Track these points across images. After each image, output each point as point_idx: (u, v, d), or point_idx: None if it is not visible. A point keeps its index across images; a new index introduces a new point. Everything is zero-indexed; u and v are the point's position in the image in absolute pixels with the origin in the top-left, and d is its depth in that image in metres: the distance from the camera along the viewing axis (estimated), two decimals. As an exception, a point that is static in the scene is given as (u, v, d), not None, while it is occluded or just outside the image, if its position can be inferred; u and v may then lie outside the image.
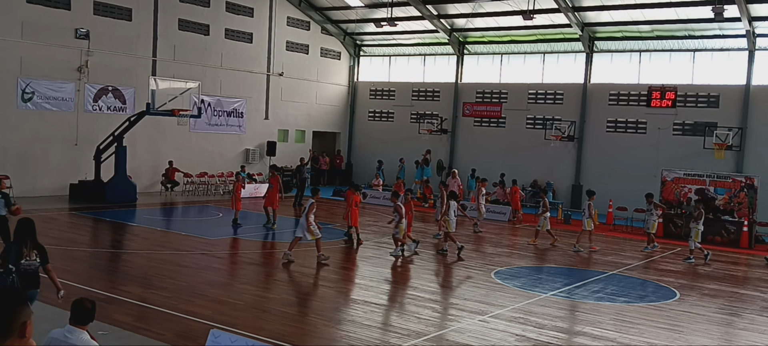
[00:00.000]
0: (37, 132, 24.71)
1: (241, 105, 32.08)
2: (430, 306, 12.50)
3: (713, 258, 19.32)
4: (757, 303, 14.29)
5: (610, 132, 30.18)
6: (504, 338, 10.58)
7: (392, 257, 17.10)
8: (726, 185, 23.50)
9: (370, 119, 37.57)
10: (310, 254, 15.97)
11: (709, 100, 27.97)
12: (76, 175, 25.03)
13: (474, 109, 33.86)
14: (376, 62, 37.81)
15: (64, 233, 18.18)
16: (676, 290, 14.84)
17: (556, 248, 20.10)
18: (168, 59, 28.61)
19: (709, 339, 11.40)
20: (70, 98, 25.60)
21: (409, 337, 10.33)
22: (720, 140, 26.34)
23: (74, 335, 5.12)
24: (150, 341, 9.51)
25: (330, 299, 13.05)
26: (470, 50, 34.27)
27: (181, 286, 13.07)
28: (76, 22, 25.47)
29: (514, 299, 13.19)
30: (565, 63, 31.75)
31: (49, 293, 11.57)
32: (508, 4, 28.86)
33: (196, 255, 16.47)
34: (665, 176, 24.63)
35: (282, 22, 33.68)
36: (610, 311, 12.76)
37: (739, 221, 22.54)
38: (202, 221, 22.61)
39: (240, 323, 10.49)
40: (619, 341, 10.75)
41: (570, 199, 30.50)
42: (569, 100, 31.12)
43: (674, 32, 28.19)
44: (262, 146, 32.85)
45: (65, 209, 22.40)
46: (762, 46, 26.93)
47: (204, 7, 30.11)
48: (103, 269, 14.57)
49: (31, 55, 24.39)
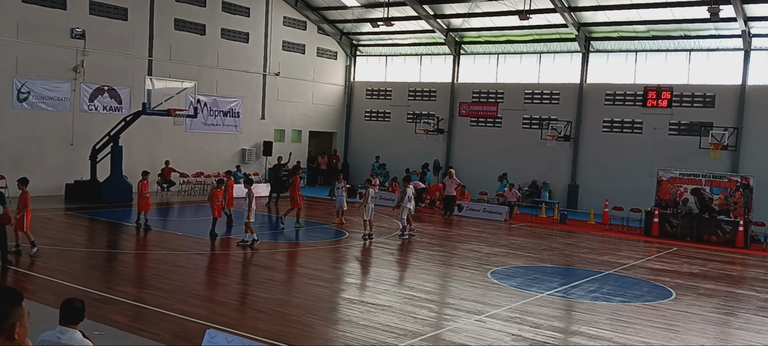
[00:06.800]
0: (33, 132, 24.65)
1: (238, 105, 32.04)
2: (426, 306, 12.50)
3: (709, 258, 19.36)
4: (752, 303, 14.32)
5: (606, 132, 30.22)
6: (500, 337, 10.58)
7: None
8: (722, 185, 23.56)
9: (366, 119, 37.56)
10: (309, 254, 15.96)
11: (704, 100, 28.03)
12: (71, 175, 24.97)
13: (470, 109, 33.87)
14: (373, 62, 37.81)
15: (60, 233, 18.14)
16: (672, 290, 14.87)
17: (554, 248, 20.11)
18: (164, 59, 28.56)
19: (705, 339, 11.42)
20: (66, 98, 25.54)
21: (405, 337, 10.32)
22: (716, 140, 26.39)
23: (66, 335, 5.06)
24: (146, 341, 9.49)
25: (326, 298, 13.04)
26: (467, 50, 34.28)
27: (177, 286, 13.05)
28: (71, 22, 25.41)
29: (511, 299, 13.19)
30: (561, 63, 31.78)
31: (43, 293, 11.55)
32: (505, 4, 28.88)
33: (192, 255, 16.44)
34: (661, 176, 24.68)
35: (278, 21, 33.66)
36: (606, 311, 12.78)
37: (735, 221, 22.59)
38: (198, 221, 22.57)
39: (236, 323, 10.48)
40: (615, 341, 10.76)
41: (566, 199, 30.53)
42: (565, 100, 31.16)
43: (670, 32, 28.25)
44: (259, 146, 32.80)
45: (61, 209, 22.34)
46: (757, 47, 27.00)
47: (200, 7, 30.06)
48: (99, 269, 14.52)
49: (26, 55, 24.33)
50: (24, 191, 14.81)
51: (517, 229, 24.30)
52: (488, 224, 25.08)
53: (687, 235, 23.18)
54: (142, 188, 19.39)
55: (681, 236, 23.28)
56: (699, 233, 23.08)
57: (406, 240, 19.98)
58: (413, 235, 20.71)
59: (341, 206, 22.67)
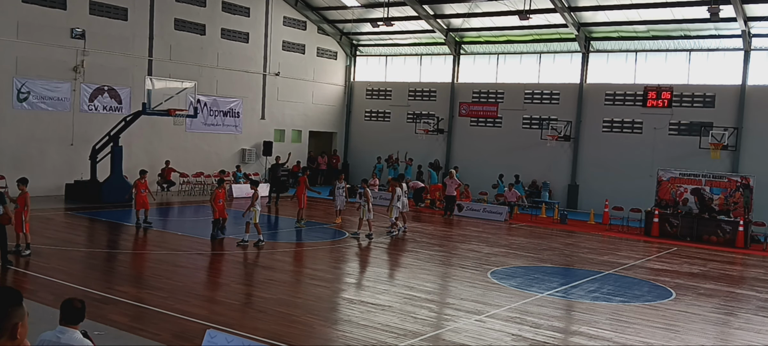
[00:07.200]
0: (33, 132, 24.65)
1: (238, 105, 32.04)
2: (426, 306, 12.49)
3: (709, 258, 19.36)
4: (752, 303, 14.32)
5: (606, 132, 30.22)
6: (500, 337, 10.58)
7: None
8: (722, 185, 23.56)
9: (366, 119, 37.55)
10: (309, 254, 15.97)
11: (704, 100, 28.03)
12: (71, 175, 24.97)
13: (470, 109, 33.87)
14: (373, 62, 37.80)
15: (60, 233, 18.13)
16: (672, 290, 14.87)
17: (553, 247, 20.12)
18: (164, 59, 28.56)
19: (705, 339, 11.42)
20: (66, 98, 25.54)
21: (405, 337, 10.32)
22: (716, 140, 26.40)
23: (67, 335, 5.05)
24: (146, 341, 9.49)
25: (326, 298, 13.04)
26: (466, 50, 34.28)
27: (177, 286, 13.04)
28: (71, 22, 25.41)
29: (511, 299, 13.19)
30: (561, 63, 31.78)
31: (43, 293, 11.55)
32: (505, 4, 28.88)
33: (192, 255, 16.44)
34: (661, 176, 24.68)
35: (278, 21, 33.65)
36: (606, 311, 12.78)
37: (735, 221, 22.59)
38: (198, 221, 22.56)
39: (236, 323, 10.47)
40: (615, 341, 10.76)
41: (566, 199, 30.53)
42: (565, 100, 31.16)
43: (670, 32, 28.25)
44: (259, 146, 32.80)
45: (61, 209, 22.34)
46: (757, 47, 27.01)
47: (200, 7, 30.06)
48: (99, 269, 14.52)
49: (26, 55, 24.33)
50: (23, 190, 14.82)
51: (517, 229, 24.30)
52: (488, 224, 25.08)
53: (687, 235, 23.18)
54: (140, 186, 19.49)
55: (681, 236, 23.28)
56: (699, 233, 23.07)
57: (394, 236, 20.43)
58: (398, 235, 20.70)
59: (341, 205, 22.72)
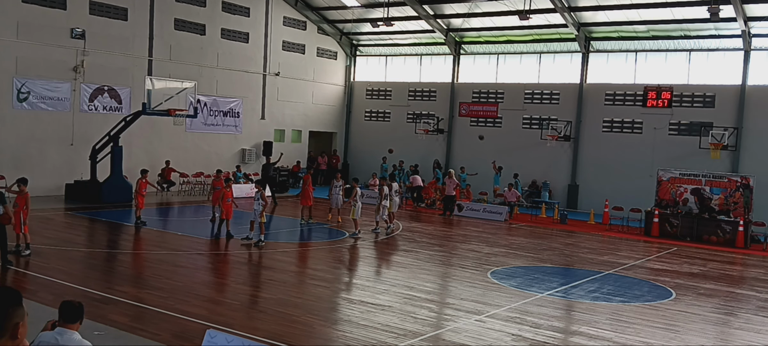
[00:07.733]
0: (33, 132, 24.64)
1: (238, 105, 32.04)
2: (426, 306, 12.50)
3: (709, 258, 19.36)
4: (752, 303, 14.32)
5: (606, 132, 30.22)
6: (500, 337, 10.58)
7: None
8: (722, 185, 23.56)
9: (366, 119, 37.55)
10: (309, 254, 15.97)
11: (704, 100, 28.03)
12: (71, 175, 24.96)
13: (470, 109, 33.87)
14: (373, 62, 37.80)
15: (60, 233, 18.13)
16: (672, 290, 14.87)
17: (553, 247, 20.11)
18: (164, 59, 28.56)
19: (705, 339, 11.42)
20: (66, 98, 25.53)
21: (405, 337, 10.32)
22: (716, 140, 26.40)
23: (65, 336, 5.04)
24: (146, 342, 9.49)
25: (326, 298, 13.04)
26: (466, 50, 34.28)
27: (177, 286, 13.04)
28: (71, 22, 25.40)
29: (511, 299, 13.19)
30: (561, 63, 31.78)
31: (43, 293, 11.55)
32: (505, 4, 28.88)
33: (192, 255, 16.44)
34: (661, 176, 24.69)
35: (278, 21, 33.65)
36: (606, 311, 12.78)
37: (735, 221, 22.59)
38: (198, 221, 22.56)
39: (236, 323, 10.48)
40: (615, 341, 10.76)
41: (566, 199, 30.53)
42: (565, 100, 31.16)
43: (670, 32, 28.25)
44: (259, 146, 32.78)
45: (61, 209, 22.34)
46: (757, 47, 27.00)
47: (200, 7, 30.06)
48: (99, 269, 14.52)
49: (26, 55, 24.32)
50: (23, 190, 14.82)
51: (517, 229, 24.30)
52: (488, 224, 25.08)
53: (687, 235, 23.18)
54: (142, 186, 19.60)
55: (681, 236, 23.28)
56: (699, 233, 23.08)
57: (378, 233, 20.71)
58: (381, 234, 20.81)
59: (337, 204, 22.64)
